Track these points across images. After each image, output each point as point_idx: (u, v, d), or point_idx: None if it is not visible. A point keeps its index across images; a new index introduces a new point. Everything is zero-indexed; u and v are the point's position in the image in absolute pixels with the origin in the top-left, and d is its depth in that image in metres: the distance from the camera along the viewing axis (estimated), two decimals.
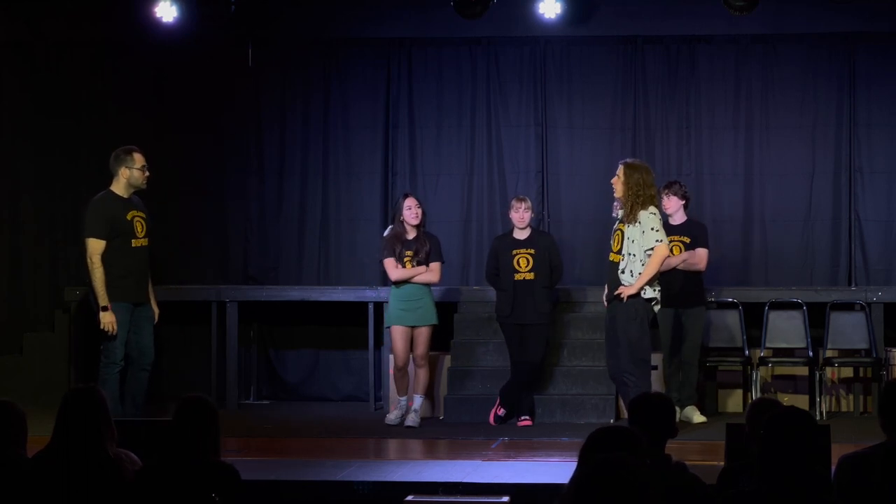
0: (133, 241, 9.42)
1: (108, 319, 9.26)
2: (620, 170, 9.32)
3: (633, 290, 9.16)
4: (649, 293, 9.22)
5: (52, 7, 12.14)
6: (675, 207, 10.57)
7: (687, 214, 10.72)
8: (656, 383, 10.02)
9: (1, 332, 12.09)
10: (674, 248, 10.40)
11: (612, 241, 9.39)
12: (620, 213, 9.34)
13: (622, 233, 9.26)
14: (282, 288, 11.95)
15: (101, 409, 5.31)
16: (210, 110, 12.32)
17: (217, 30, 11.97)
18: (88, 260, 9.33)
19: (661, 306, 9.88)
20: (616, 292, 9.23)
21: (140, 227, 9.47)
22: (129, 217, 9.42)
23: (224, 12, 11.58)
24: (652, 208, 9.25)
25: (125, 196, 9.47)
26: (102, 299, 9.27)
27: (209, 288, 11.79)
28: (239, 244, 12.40)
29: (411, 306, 10.30)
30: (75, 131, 12.23)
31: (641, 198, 9.20)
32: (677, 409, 10.21)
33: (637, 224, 9.19)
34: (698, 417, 10.37)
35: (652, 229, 9.19)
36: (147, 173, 9.48)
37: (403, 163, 12.27)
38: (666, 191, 10.59)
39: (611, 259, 9.37)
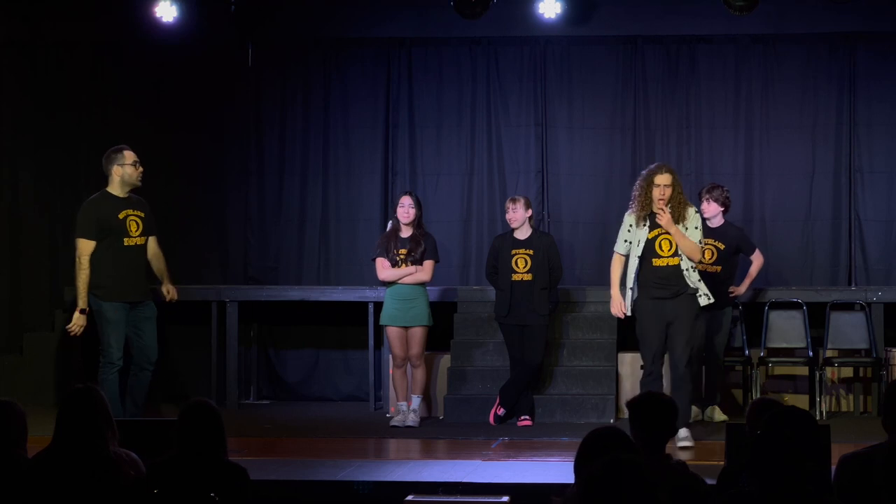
0: (125, 239, 9.41)
1: (79, 323, 9.32)
2: (670, 178, 9.04)
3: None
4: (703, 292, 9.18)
5: (52, 7, 12.14)
6: (713, 212, 10.46)
7: (724, 218, 10.64)
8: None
9: (1, 332, 12.09)
10: (706, 251, 10.38)
11: (656, 248, 9.08)
12: (647, 219, 9.08)
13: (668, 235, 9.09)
14: (282, 288, 11.95)
15: (100, 409, 5.31)
16: (210, 110, 12.32)
17: (217, 30, 11.97)
18: (77, 260, 9.36)
19: None
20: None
21: (135, 227, 9.46)
22: (121, 216, 9.41)
23: (224, 12, 11.59)
24: (694, 206, 9.29)
25: (121, 195, 9.46)
26: (82, 301, 9.31)
27: (209, 288, 11.79)
28: (239, 244, 12.40)
29: (405, 306, 10.29)
30: (75, 131, 12.23)
31: (683, 198, 9.18)
32: (697, 408, 10.26)
33: (685, 222, 9.09)
34: (720, 416, 10.39)
35: (696, 228, 9.13)
36: (140, 168, 9.48)
37: (403, 163, 12.27)
38: (707, 196, 10.50)
39: (666, 264, 9.05)
